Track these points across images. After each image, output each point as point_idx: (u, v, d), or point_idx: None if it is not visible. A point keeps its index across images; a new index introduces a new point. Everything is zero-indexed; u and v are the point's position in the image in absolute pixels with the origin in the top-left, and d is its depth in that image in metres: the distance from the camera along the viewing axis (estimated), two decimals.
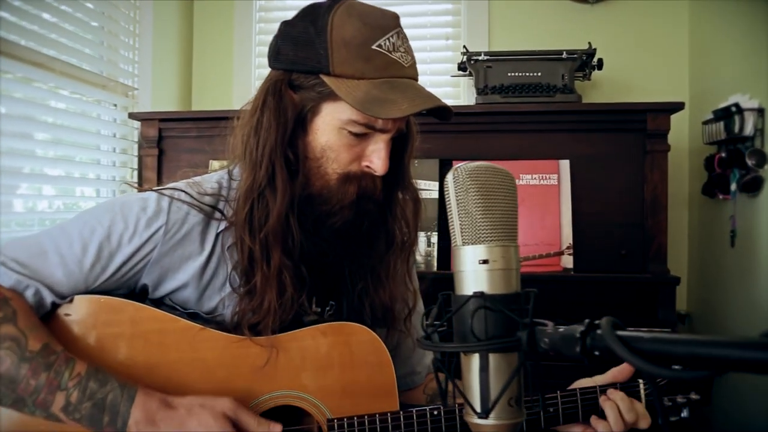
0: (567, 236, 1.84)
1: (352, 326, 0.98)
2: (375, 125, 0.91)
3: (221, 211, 0.98)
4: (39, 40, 1.76)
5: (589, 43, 2.13)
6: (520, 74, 2.07)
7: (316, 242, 0.96)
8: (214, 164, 2.07)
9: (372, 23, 0.90)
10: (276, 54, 0.96)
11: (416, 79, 0.95)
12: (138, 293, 0.98)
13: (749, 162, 1.87)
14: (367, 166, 0.94)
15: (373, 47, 0.89)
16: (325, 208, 0.94)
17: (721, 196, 2.07)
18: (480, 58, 2.09)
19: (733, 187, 1.97)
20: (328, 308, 1.04)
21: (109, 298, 0.93)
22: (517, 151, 1.91)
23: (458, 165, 0.53)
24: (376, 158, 0.93)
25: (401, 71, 0.91)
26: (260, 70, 2.56)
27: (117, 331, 0.92)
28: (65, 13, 1.87)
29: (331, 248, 0.97)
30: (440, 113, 0.95)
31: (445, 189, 0.53)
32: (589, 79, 2.18)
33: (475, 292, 0.49)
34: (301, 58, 0.92)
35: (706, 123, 2.11)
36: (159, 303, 0.98)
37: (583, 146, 1.89)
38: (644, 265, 1.84)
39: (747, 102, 1.90)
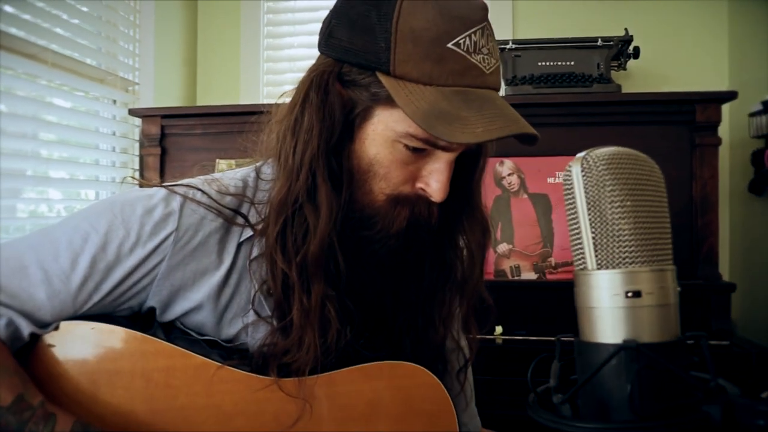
0: None
1: (405, 366, 0.79)
2: (437, 143, 0.73)
3: (245, 216, 0.80)
4: (30, 29, 1.60)
5: (626, 29, 1.96)
6: (552, 63, 1.91)
7: (354, 271, 0.79)
8: (221, 164, 1.91)
9: (452, 14, 0.71)
10: (327, 36, 0.77)
11: (498, 89, 0.76)
12: (144, 316, 0.81)
13: None
14: (422, 189, 0.76)
15: (449, 45, 0.70)
16: (367, 233, 0.77)
17: None
18: (508, 46, 1.93)
19: None
20: (362, 341, 0.84)
21: (103, 325, 0.75)
22: (552, 146, 1.75)
23: (586, 153, 0.37)
24: (434, 181, 0.75)
25: (480, 79, 0.72)
26: (269, 63, 2.40)
27: (113, 368, 0.74)
28: (59, 1, 1.72)
29: (371, 278, 0.79)
30: (523, 136, 0.76)
31: (567, 185, 0.37)
32: (624, 69, 2.03)
33: (626, 341, 0.33)
34: (357, 48, 0.73)
35: (753, 115, 1.95)
36: (169, 328, 0.81)
37: (625, 140, 1.69)
38: (694, 269, 1.68)
39: None
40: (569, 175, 0.37)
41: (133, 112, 1.98)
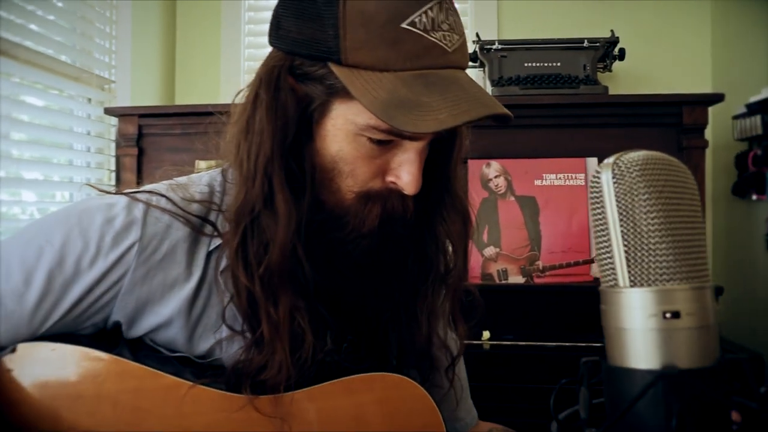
0: None
1: (390, 378, 0.75)
2: (403, 132, 0.67)
3: (213, 224, 0.75)
4: (1, 24, 1.54)
5: (612, 30, 1.96)
6: (538, 64, 1.90)
7: (328, 275, 0.74)
8: (201, 164, 1.86)
9: None
10: (276, 28, 0.72)
11: (464, 67, 0.71)
12: (110, 332, 0.75)
13: None
14: (393, 183, 0.71)
15: (404, 26, 0.64)
16: (338, 234, 0.72)
17: (755, 197, 1.91)
18: (494, 47, 1.91)
19: None
20: (345, 345, 0.80)
21: (65, 345, 0.69)
22: (540, 147, 1.73)
23: (616, 157, 0.34)
24: (405, 173, 0.70)
25: (443, 59, 0.66)
26: (250, 63, 2.35)
27: (76, 392, 0.68)
28: None
29: (347, 282, 0.75)
30: (492, 118, 0.71)
31: (595, 193, 0.34)
32: (610, 71, 2.02)
33: (666, 367, 0.30)
34: (306, 38, 0.68)
35: (737, 117, 1.95)
36: (138, 344, 0.75)
37: (612, 142, 1.71)
38: None
39: None
40: (597, 182, 0.34)
41: (109, 111, 1.91)
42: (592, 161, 1.71)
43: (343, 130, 0.69)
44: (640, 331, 0.32)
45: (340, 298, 0.76)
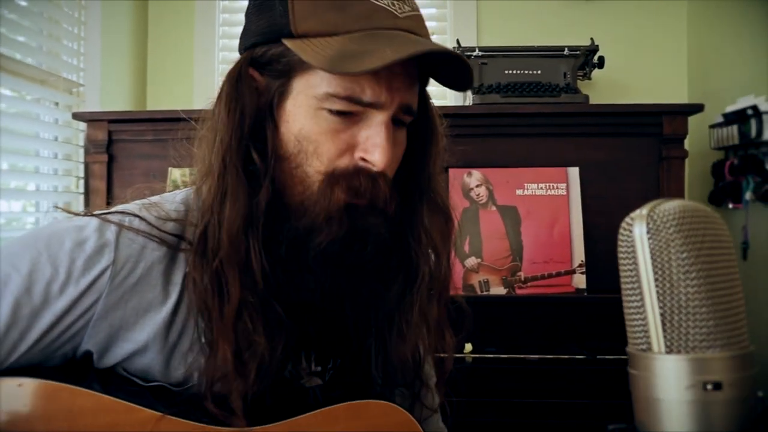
0: (578, 252, 1.65)
1: (374, 406, 0.72)
2: (362, 98, 0.67)
3: (190, 242, 0.71)
4: None
5: (592, 39, 1.95)
6: (518, 72, 1.88)
7: (292, 275, 0.71)
8: (174, 172, 1.80)
9: None
10: (243, 35, 0.74)
11: (419, 35, 0.70)
12: (79, 361, 0.70)
13: None
14: (362, 158, 0.69)
15: None
16: (304, 221, 0.69)
17: (731, 205, 1.93)
18: (474, 53, 1.89)
19: (748, 195, 1.83)
20: (330, 366, 0.78)
21: (32, 380, 0.64)
22: (521, 156, 1.72)
23: (649, 209, 0.31)
24: (372, 145, 0.68)
25: (392, 21, 0.67)
26: (225, 66, 2.29)
27: (46, 431, 0.64)
28: None
29: (317, 281, 0.71)
30: (451, 78, 0.71)
31: (626, 248, 0.31)
32: (589, 78, 2.02)
33: None
34: (262, 26, 0.70)
35: (714, 126, 1.97)
36: (110, 375, 0.71)
37: (593, 152, 1.71)
38: None
39: (765, 104, 1.76)
40: (629, 236, 0.31)
41: (77, 116, 1.84)
42: (574, 171, 1.70)
43: (303, 107, 0.69)
44: (676, 402, 0.29)
45: (319, 309, 0.73)
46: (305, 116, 0.68)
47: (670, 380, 0.30)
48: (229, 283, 0.68)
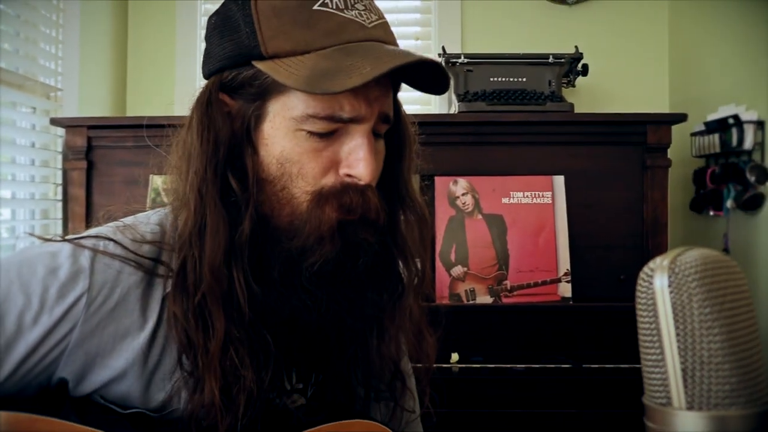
0: (564, 261, 1.65)
1: (359, 425, 0.71)
2: (342, 115, 0.65)
3: (168, 265, 0.69)
4: None
5: (576, 47, 1.96)
6: (503, 79, 1.89)
7: (288, 296, 0.69)
8: (156, 180, 1.77)
9: None
10: (206, 57, 0.72)
11: (389, 44, 0.70)
12: (54, 390, 0.68)
13: (750, 178, 1.74)
14: (348, 174, 0.68)
15: (316, 7, 0.66)
16: (296, 242, 0.67)
17: (712, 213, 1.95)
18: (460, 60, 1.89)
19: (729, 203, 1.85)
20: (312, 381, 0.76)
21: (6, 413, 0.61)
22: (507, 165, 1.72)
23: (670, 260, 0.30)
24: (356, 159, 0.67)
25: (362, 33, 0.67)
26: None
27: None
28: None
29: (314, 300, 0.69)
30: (428, 83, 0.70)
31: (645, 297, 0.30)
32: (573, 86, 2.03)
33: None
34: (229, 50, 0.68)
35: (695, 134, 1.99)
36: (86, 404, 0.68)
37: (578, 160, 1.72)
38: None
39: (745, 113, 1.78)
40: (649, 288, 0.31)
41: (55, 122, 1.80)
42: (559, 179, 1.71)
43: (282, 129, 0.67)
44: None
45: (306, 323, 0.71)
46: (285, 138, 0.67)
47: None
48: (213, 317, 0.66)
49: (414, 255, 0.77)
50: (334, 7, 0.66)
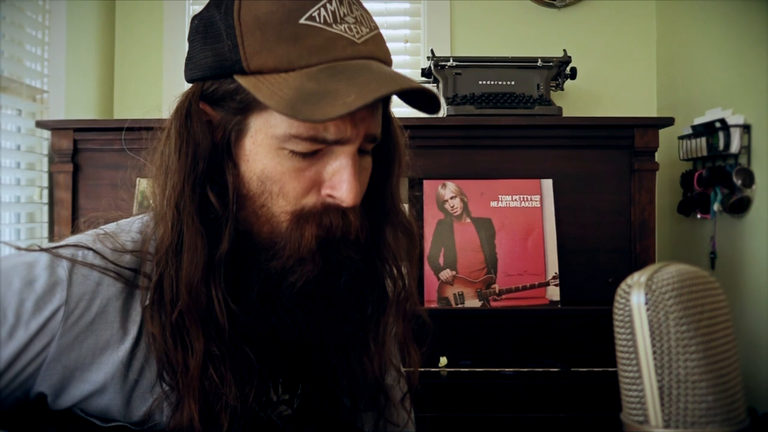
0: (552, 264, 1.66)
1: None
2: (326, 137, 0.63)
3: (148, 276, 0.68)
4: None
5: (564, 50, 1.97)
6: (492, 83, 1.89)
7: (267, 315, 0.67)
8: (142, 183, 1.76)
9: None
10: (187, 61, 0.70)
11: (381, 60, 0.67)
12: (32, 403, 0.67)
13: (736, 181, 1.75)
14: (330, 195, 0.66)
15: (302, 21, 0.62)
16: (275, 264, 0.66)
17: (699, 216, 1.96)
18: (448, 63, 1.89)
19: (716, 207, 1.86)
20: (298, 392, 0.75)
21: None
22: (495, 168, 1.72)
23: (647, 276, 0.30)
24: (339, 181, 0.65)
25: (351, 49, 0.64)
26: None
27: None
28: None
29: (294, 319, 0.68)
30: (420, 101, 0.68)
31: (622, 314, 0.30)
32: (562, 89, 2.03)
33: None
34: (210, 59, 0.65)
35: (683, 138, 2.00)
36: (66, 417, 0.67)
37: (567, 164, 1.72)
38: None
39: (732, 117, 1.79)
40: (626, 305, 0.30)
41: (41, 124, 1.78)
42: (547, 182, 1.71)
43: (263, 146, 0.65)
44: None
45: (287, 339, 0.70)
46: (266, 155, 0.65)
47: None
48: (191, 335, 0.65)
49: (399, 270, 0.76)
50: (322, 21, 0.63)
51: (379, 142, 0.71)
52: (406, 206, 0.83)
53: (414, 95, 0.67)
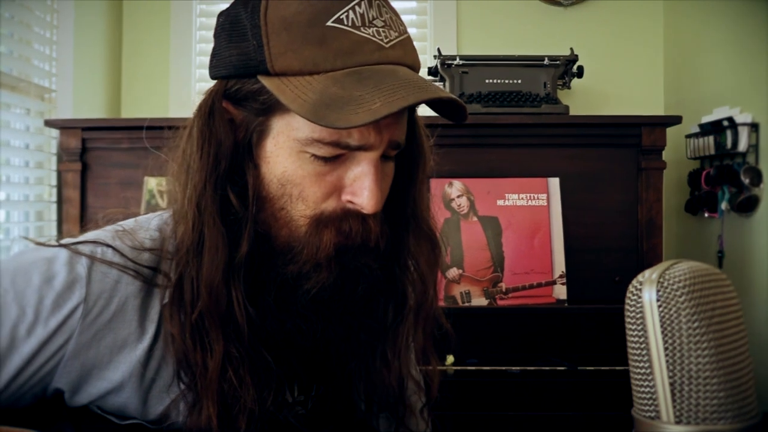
0: (559, 263, 1.65)
1: None
2: (349, 142, 0.62)
3: (167, 275, 0.67)
4: None
5: (571, 48, 1.97)
6: (499, 81, 1.88)
7: (283, 320, 0.67)
8: (151, 182, 1.77)
9: None
10: (212, 58, 0.69)
11: (409, 65, 0.66)
12: (50, 400, 0.67)
13: (744, 180, 1.75)
14: (350, 201, 0.65)
15: (330, 23, 0.61)
16: (292, 268, 0.66)
17: (707, 215, 1.95)
18: (455, 62, 1.89)
19: (724, 205, 1.85)
20: (313, 394, 0.75)
21: (1, 427, 0.60)
22: (502, 167, 1.72)
23: (659, 273, 0.30)
24: (360, 188, 0.64)
25: (378, 54, 0.62)
26: (201, 70, 2.25)
27: None
28: None
29: (309, 326, 0.67)
30: (447, 110, 0.67)
31: (634, 310, 0.30)
32: (569, 88, 2.02)
33: None
34: (236, 58, 0.64)
35: (690, 136, 1.99)
36: (83, 414, 0.67)
37: (573, 162, 1.72)
38: None
39: (740, 116, 1.78)
40: (638, 301, 0.30)
41: (49, 123, 1.79)
42: (554, 181, 1.71)
43: (285, 149, 0.64)
44: None
45: (302, 344, 0.69)
46: (287, 158, 0.64)
47: None
48: (211, 336, 0.64)
49: (420, 277, 0.75)
50: (350, 24, 0.62)
51: (405, 147, 0.70)
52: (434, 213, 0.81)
53: (441, 103, 0.66)
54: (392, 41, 0.64)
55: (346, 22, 0.62)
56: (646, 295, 0.31)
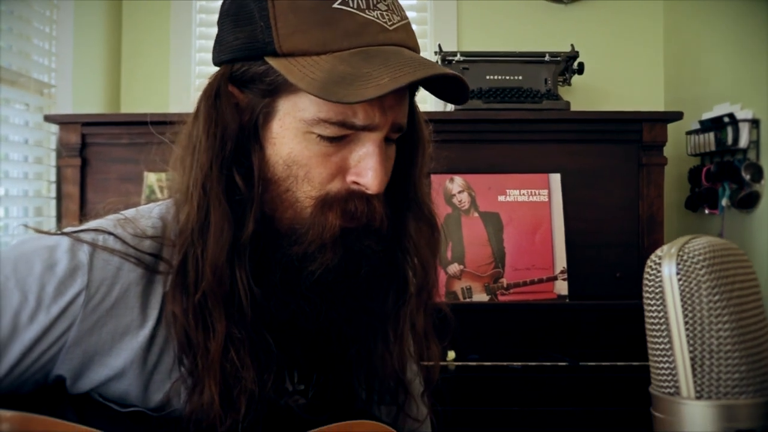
0: (560, 259, 1.65)
1: (364, 426, 0.70)
2: (355, 122, 0.63)
3: (168, 262, 0.68)
4: None
5: (572, 45, 1.96)
6: (500, 77, 1.88)
7: (287, 301, 0.67)
8: (150, 177, 1.76)
9: None
10: (217, 44, 0.70)
11: (411, 48, 0.67)
12: (51, 387, 0.67)
13: (745, 176, 1.75)
14: (355, 182, 0.66)
15: (336, 5, 0.63)
16: (297, 249, 0.66)
17: (707, 211, 1.95)
18: (456, 58, 1.89)
19: (724, 202, 1.85)
20: (313, 382, 0.75)
21: (3, 412, 0.59)
22: (503, 162, 1.72)
23: (678, 247, 0.30)
24: (365, 168, 0.65)
25: (383, 36, 0.64)
26: (201, 67, 2.25)
27: None
28: None
29: (313, 307, 0.67)
30: (450, 91, 0.68)
31: (653, 285, 0.30)
32: (569, 84, 2.03)
33: None
34: (242, 41, 0.65)
35: (690, 133, 1.99)
36: (84, 401, 0.67)
37: (574, 158, 1.72)
38: (640, 288, 1.69)
39: (740, 112, 1.78)
40: (657, 276, 0.30)
41: (49, 119, 1.79)
42: (555, 177, 1.71)
43: (291, 130, 0.65)
44: None
45: (304, 326, 0.70)
46: (293, 139, 0.65)
47: (699, 426, 0.29)
48: (213, 317, 0.64)
49: (421, 261, 0.75)
50: (356, 6, 0.63)
51: (404, 132, 0.70)
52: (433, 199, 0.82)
53: (443, 85, 0.67)
54: (395, 24, 0.65)
55: (351, 5, 0.63)
56: (666, 270, 0.31)
